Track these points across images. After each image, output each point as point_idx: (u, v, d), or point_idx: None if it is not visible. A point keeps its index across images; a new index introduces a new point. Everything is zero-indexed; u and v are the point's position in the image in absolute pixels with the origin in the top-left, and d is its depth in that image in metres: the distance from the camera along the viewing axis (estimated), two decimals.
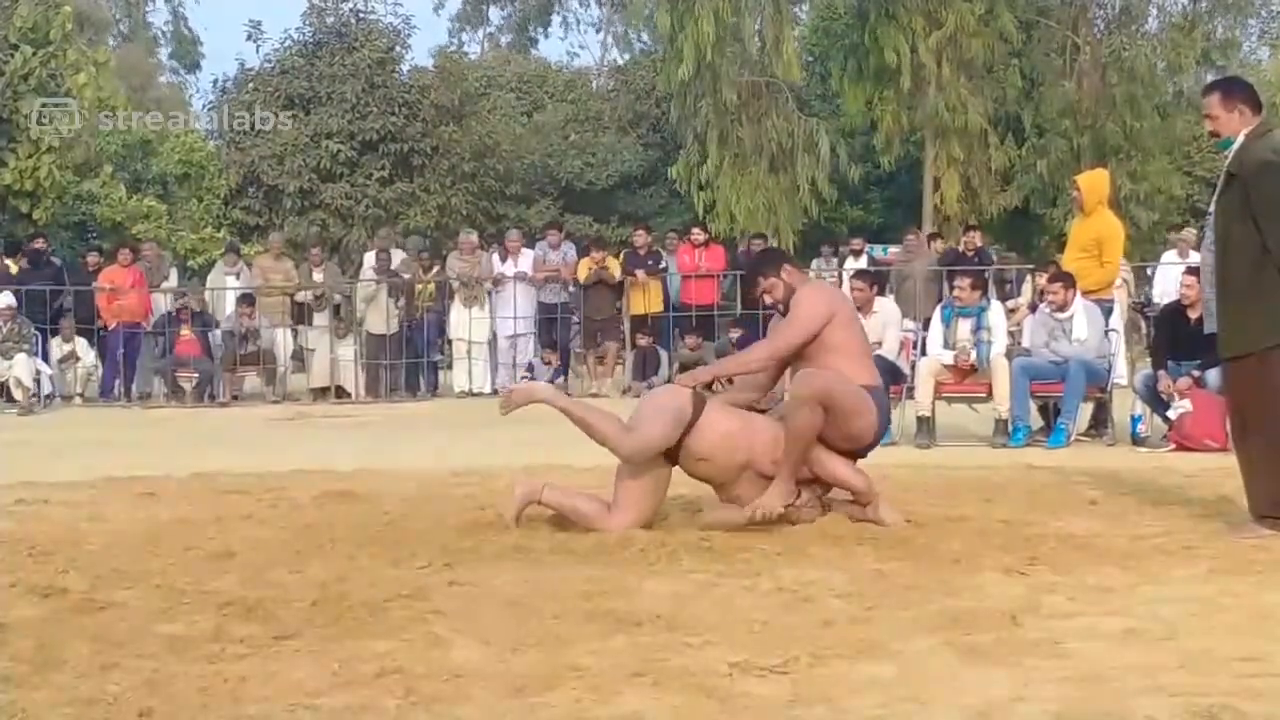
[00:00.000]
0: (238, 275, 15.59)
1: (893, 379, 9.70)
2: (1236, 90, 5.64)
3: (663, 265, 15.09)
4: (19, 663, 3.54)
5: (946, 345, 9.58)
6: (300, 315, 15.30)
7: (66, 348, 14.20)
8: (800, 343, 5.47)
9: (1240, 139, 5.47)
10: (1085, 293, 9.41)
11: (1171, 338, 9.23)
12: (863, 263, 15.80)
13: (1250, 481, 5.45)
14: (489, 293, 14.87)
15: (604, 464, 6.05)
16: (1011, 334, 10.07)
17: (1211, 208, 5.66)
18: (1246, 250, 5.35)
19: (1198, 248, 10.86)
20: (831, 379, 5.36)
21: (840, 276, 15.82)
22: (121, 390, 14.45)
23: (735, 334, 13.34)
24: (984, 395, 9.57)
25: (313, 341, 15.07)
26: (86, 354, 14.38)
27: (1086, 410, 9.60)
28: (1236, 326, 5.40)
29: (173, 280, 16.25)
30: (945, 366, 9.56)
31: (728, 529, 5.34)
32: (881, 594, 4.30)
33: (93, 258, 16.06)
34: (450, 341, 15.24)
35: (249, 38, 25.10)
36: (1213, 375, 9.29)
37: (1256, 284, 5.33)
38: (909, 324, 11.64)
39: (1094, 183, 10.22)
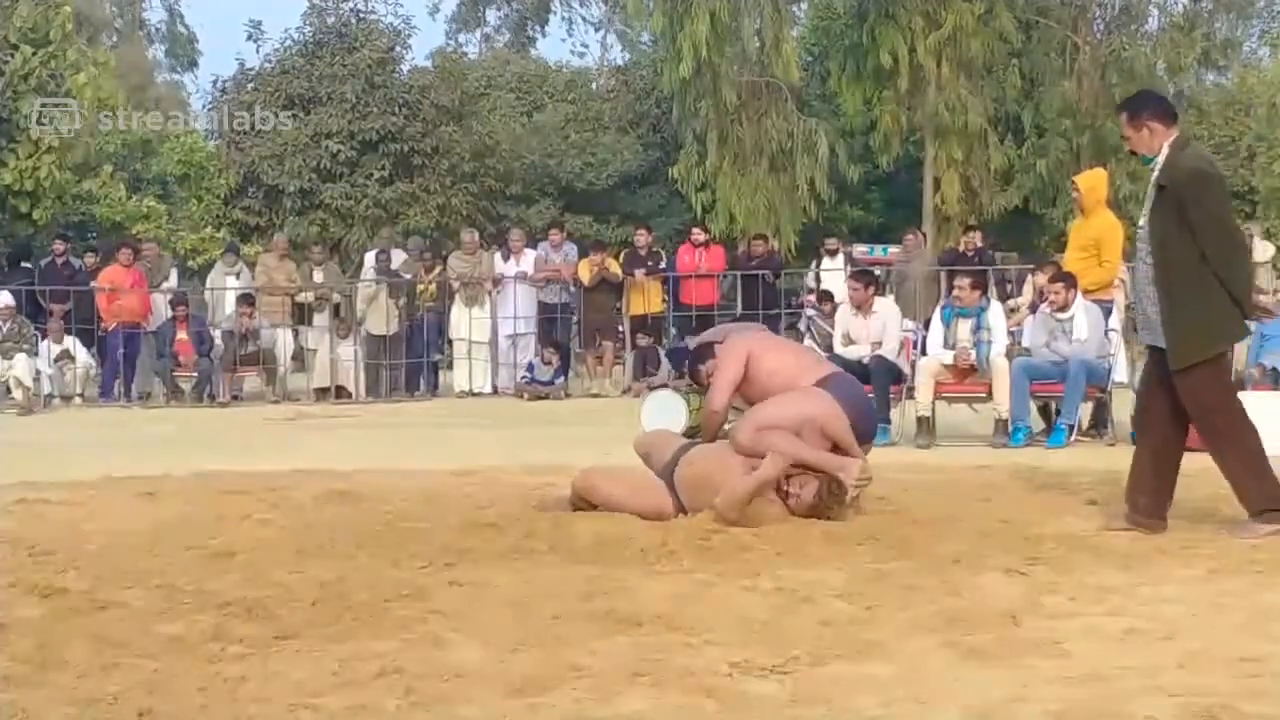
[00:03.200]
0: (237, 275, 15.58)
1: (893, 379, 9.73)
2: (1143, 109, 5.68)
3: (663, 265, 15.11)
4: (19, 663, 3.55)
5: (946, 345, 9.58)
6: (301, 315, 15.29)
7: (58, 348, 14.17)
8: (731, 385, 6.13)
9: (1165, 151, 5.53)
10: (1085, 292, 9.41)
11: None
12: (839, 262, 15.82)
13: (1237, 484, 5.51)
14: (489, 292, 14.88)
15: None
16: (1011, 334, 10.07)
17: (1142, 221, 5.69)
18: (1185, 260, 5.41)
19: None
20: (751, 422, 5.90)
21: (819, 277, 15.90)
22: (121, 390, 14.44)
23: None
24: (984, 395, 9.57)
25: (313, 341, 15.07)
26: (80, 353, 14.33)
27: (1086, 410, 9.60)
28: (1186, 337, 5.45)
29: (173, 280, 16.22)
30: (945, 366, 9.55)
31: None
32: (881, 594, 4.31)
33: (90, 258, 16.05)
34: (450, 341, 15.23)
35: (249, 38, 25.08)
36: None
37: (1199, 294, 5.39)
38: (909, 324, 11.64)
39: (1093, 183, 10.21)
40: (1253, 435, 5.52)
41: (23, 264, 15.70)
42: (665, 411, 9.58)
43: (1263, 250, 15.54)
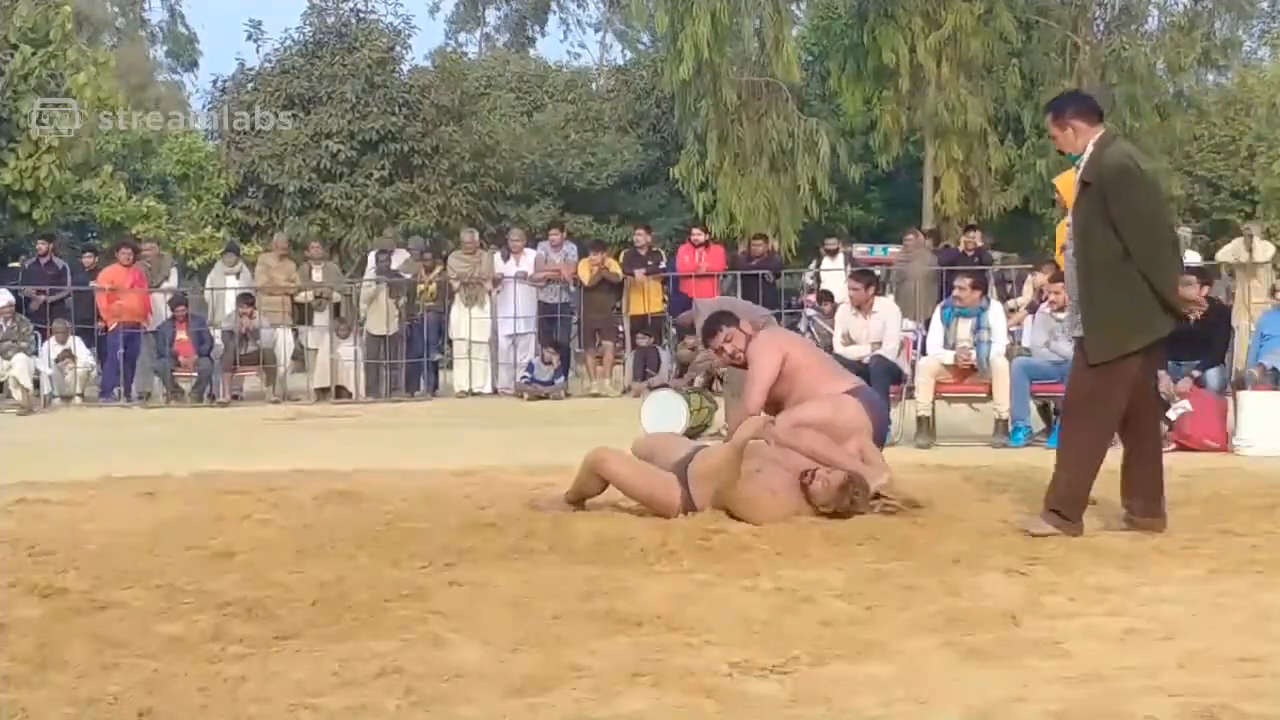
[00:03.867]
0: (237, 275, 15.58)
1: (893, 379, 9.72)
2: (1066, 108, 5.72)
3: (663, 265, 15.13)
4: (19, 663, 3.55)
5: (947, 345, 9.58)
6: (301, 315, 15.29)
7: (59, 348, 14.17)
8: (768, 388, 6.23)
9: (1090, 149, 5.56)
10: None
11: (1171, 338, 9.19)
12: (839, 262, 15.84)
13: (1056, 472, 5.48)
14: (489, 292, 14.88)
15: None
16: (1011, 334, 10.06)
17: (1069, 218, 5.71)
18: (1107, 255, 5.43)
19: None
20: (792, 417, 6.08)
21: (819, 277, 15.93)
22: (121, 390, 14.43)
23: None
24: (984, 395, 9.57)
25: (313, 341, 15.07)
26: (82, 353, 14.33)
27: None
28: (1102, 332, 5.45)
29: (173, 280, 16.21)
30: (945, 366, 9.55)
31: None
32: (881, 594, 4.30)
33: (88, 258, 16.03)
34: (450, 341, 15.24)
35: (249, 37, 25.10)
36: (1213, 375, 9.30)
37: (1120, 290, 5.40)
38: (909, 324, 11.64)
39: (1070, 182, 10.18)
40: (1102, 444, 5.50)
41: (9, 264, 15.67)
42: (665, 412, 9.62)
43: (1263, 250, 15.52)
